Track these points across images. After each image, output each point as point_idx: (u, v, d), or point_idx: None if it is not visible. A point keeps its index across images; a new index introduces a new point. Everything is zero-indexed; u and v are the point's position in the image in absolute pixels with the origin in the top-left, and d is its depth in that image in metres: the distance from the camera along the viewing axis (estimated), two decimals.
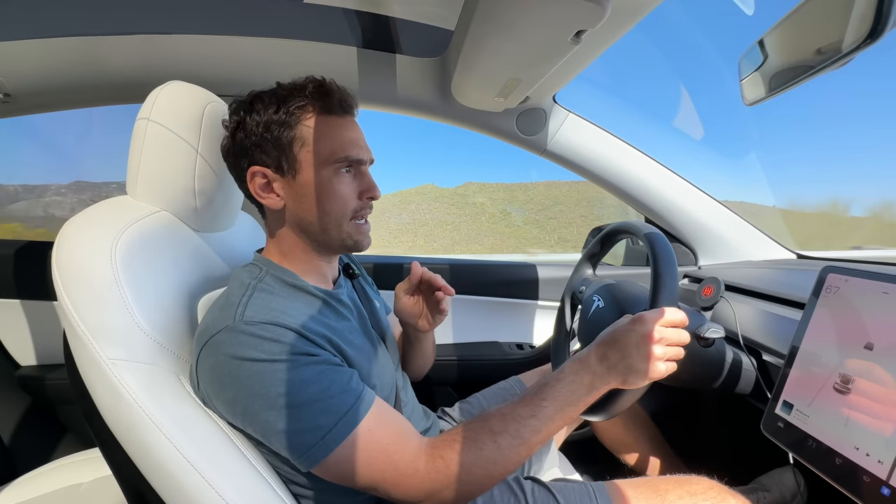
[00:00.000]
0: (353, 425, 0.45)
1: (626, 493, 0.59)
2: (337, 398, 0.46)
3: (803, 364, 0.53)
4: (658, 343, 0.50)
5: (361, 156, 0.56)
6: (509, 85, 0.77)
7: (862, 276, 0.49)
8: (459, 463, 0.47)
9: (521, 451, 0.49)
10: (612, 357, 0.51)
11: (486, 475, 0.48)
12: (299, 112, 0.53)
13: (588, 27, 0.54)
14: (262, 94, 0.55)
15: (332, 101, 0.54)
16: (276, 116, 0.52)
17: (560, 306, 0.85)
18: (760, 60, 0.47)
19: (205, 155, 0.57)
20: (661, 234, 0.61)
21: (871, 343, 0.46)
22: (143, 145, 0.55)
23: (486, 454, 0.47)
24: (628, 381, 0.50)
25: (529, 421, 0.49)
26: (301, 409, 0.44)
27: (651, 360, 0.49)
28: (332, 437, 0.44)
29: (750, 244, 1.09)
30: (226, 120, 0.56)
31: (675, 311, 0.52)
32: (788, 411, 0.52)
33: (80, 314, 0.46)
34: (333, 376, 0.47)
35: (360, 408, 0.47)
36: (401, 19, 0.87)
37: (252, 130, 0.53)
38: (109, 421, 0.46)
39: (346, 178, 0.55)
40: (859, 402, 0.45)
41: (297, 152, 0.53)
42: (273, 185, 0.54)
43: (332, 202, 0.54)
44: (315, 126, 0.53)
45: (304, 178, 0.53)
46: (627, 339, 0.50)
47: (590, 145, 1.02)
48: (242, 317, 0.46)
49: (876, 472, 0.41)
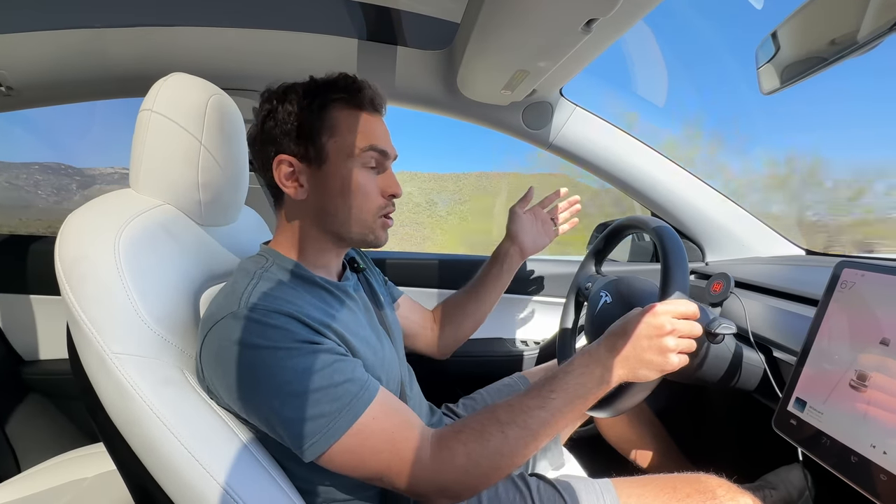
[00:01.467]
0: (357, 414, 0.45)
1: (633, 490, 0.59)
2: (341, 387, 0.45)
3: (817, 361, 0.52)
4: (670, 335, 0.49)
5: (387, 148, 0.56)
6: (516, 77, 0.76)
7: (879, 270, 0.48)
8: (466, 454, 0.46)
9: (529, 443, 0.48)
10: (623, 349, 0.50)
11: (493, 466, 0.47)
12: (331, 105, 0.54)
13: (600, 15, 0.53)
14: (295, 85, 0.55)
15: (364, 98, 0.55)
16: (309, 107, 0.53)
17: (566, 303, 0.84)
18: (774, 50, 0.46)
19: (209, 147, 0.56)
20: (670, 227, 0.60)
21: (887, 339, 0.45)
22: (145, 137, 0.54)
23: (494, 445, 0.47)
24: (639, 374, 0.50)
25: (538, 412, 0.48)
26: (305, 397, 0.44)
27: (663, 352, 0.48)
28: (337, 426, 0.44)
29: (758, 240, 1.08)
30: (255, 108, 0.57)
31: (687, 303, 0.51)
32: (801, 408, 0.51)
33: (83, 308, 0.45)
34: (337, 365, 0.46)
35: (365, 396, 0.46)
36: (406, 11, 0.86)
37: (283, 119, 0.53)
38: (113, 415, 0.46)
39: (370, 173, 0.56)
40: (876, 398, 0.44)
41: (326, 142, 0.53)
42: (298, 176, 0.54)
43: (356, 196, 0.54)
44: (345, 119, 0.54)
45: (329, 169, 0.54)
46: (639, 330, 0.50)
47: (596, 140, 1.01)
48: (247, 304, 0.46)
49: (893, 471, 0.40)
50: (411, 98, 0.98)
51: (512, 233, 0.80)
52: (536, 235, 0.81)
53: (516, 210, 0.80)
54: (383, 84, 0.94)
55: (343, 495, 0.54)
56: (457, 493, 0.47)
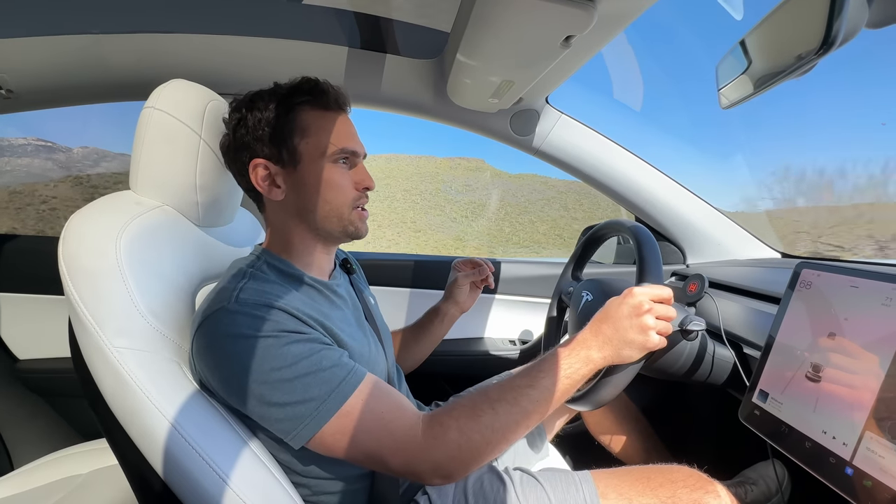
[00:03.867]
0: (346, 395, 0.46)
1: (610, 481, 0.61)
2: (328, 371, 0.47)
3: (778, 354, 0.55)
4: (648, 313, 0.52)
5: (357, 148, 0.59)
6: (503, 86, 0.79)
7: (832, 270, 0.52)
8: (458, 428, 0.47)
9: (520, 421, 0.49)
10: (606, 330, 0.53)
11: (484, 441, 0.47)
12: (298, 108, 0.56)
13: (576, 33, 0.56)
14: (261, 92, 0.57)
15: (329, 99, 0.57)
16: (277, 112, 0.55)
17: (550, 306, 0.88)
18: (734, 68, 0.50)
19: (207, 151, 0.59)
20: (643, 226, 0.64)
21: (834, 332, 0.49)
22: (144, 140, 0.57)
23: (485, 420, 0.48)
24: (622, 353, 0.53)
25: (527, 391, 0.50)
26: (294, 382, 0.45)
27: (644, 329, 0.52)
28: (326, 408, 0.45)
29: (736, 243, 1.12)
30: (226, 118, 0.59)
31: (661, 287, 0.55)
32: (764, 400, 0.55)
33: (86, 304, 0.47)
34: (325, 352, 0.48)
35: (353, 379, 0.47)
36: (398, 21, 0.89)
37: (254, 125, 0.55)
38: (114, 407, 0.48)
39: (342, 169, 0.58)
40: (828, 388, 0.48)
41: (298, 144, 0.56)
42: (275, 177, 0.56)
43: (331, 192, 0.57)
44: (314, 120, 0.56)
45: (304, 169, 0.56)
46: (619, 311, 0.53)
47: (581, 146, 1.05)
48: (237, 299, 0.48)
49: (840, 454, 0.44)
50: (403, 105, 1.01)
51: (454, 297, 0.84)
52: (470, 296, 0.86)
53: (459, 280, 0.84)
54: (378, 91, 0.99)
55: (336, 486, 0.55)
56: (450, 470, 0.47)
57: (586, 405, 0.61)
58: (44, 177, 6.73)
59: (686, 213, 1.11)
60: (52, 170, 7.09)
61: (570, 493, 0.60)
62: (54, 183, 6.80)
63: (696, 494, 0.58)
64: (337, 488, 0.56)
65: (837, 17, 0.32)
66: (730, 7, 0.89)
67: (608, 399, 0.58)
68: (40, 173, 6.75)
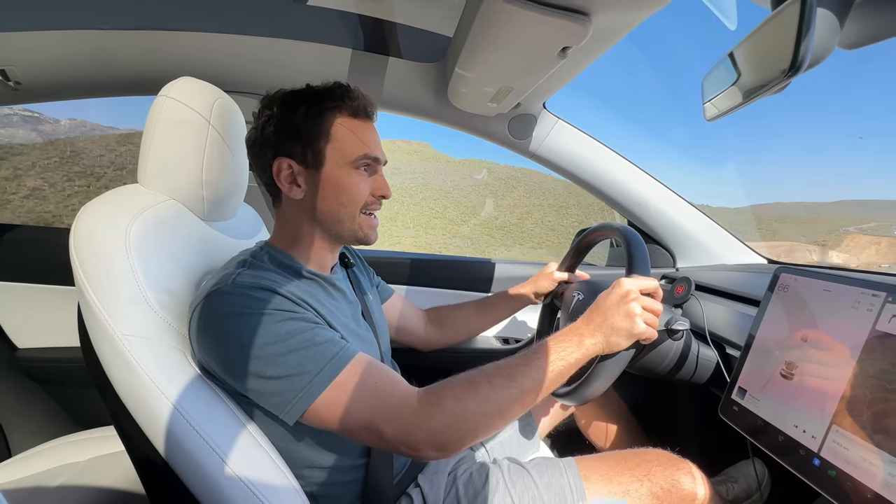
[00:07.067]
0: (339, 368, 0.47)
1: (592, 464, 0.65)
2: (321, 346, 0.48)
3: (757, 353, 0.58)
4: (635, 301, 0.55)
5: (379, 155, 0.61)
6: (501, 92, 0.82)
7: (808, 275, 0.55)
8: (454, 397, 0.47)
9: (514, 396, 0.49)
10: (595, 318, 0.56)
11: (480, 412, 0.47)
12: (328, 112, 0.57)
13: (573, 44, 0.59)
14: (293, 92, 0.59)
15: (358, 106, 0.59)
16: (307, 114, 0.57)
17: (541, 310, 0.91)
18: (719, 82, 0.53)
19: (214, 146, 0.61)
20: (632, 228, 0.67)
21: (806, 333, 0.52)
22: (155, 129, 0.58)
23: (481, 391, 0.48)
24: (611, 340, 0.55)
25: (523, 369, 0.51)
26: (287, 356, 0.46)
27: (630, 316, 0.55)
28: (319, 380, 0.46)
29: (725, 249, 1.16)
30: (255, 112, 0.60)
31: (648, 279, 0.58)
32: (742, 396, 0.58)
33: (97, 294, 0.49)
34: (318, 329, 0.49)
35: (345, 354, 0.48)
36: (402, 25, 0.91)
37: (283, 124, 0.57)
38: (122, 394, 0.49)
39: (362, 175, 0.59)
40: (800, 385, 0.51)
41: (323, 147, 0.57)
42: (296, 177, 0.58)
43: (348, 195, 0.58)
44: (341, 125, 0.58)
45: (326, 172, 0.58)
46: (608, 300, 0.57)
47: (576, 151, 1.08)
48: (233, 282, 0.50)
49: (809, 446, 0.47)
50: (406, 107, 1.03)
51: (540, 290, 0.90)
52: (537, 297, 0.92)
53: (545, 281, 0.90)
54: (378, 93, 1.00)
55: (329, 476, 0.57)
56: (445, 441, 0.47)
57: (576, 399, 0.63)
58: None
59: (677, 218, 1.14)
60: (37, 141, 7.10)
61: (556, 478, 0.63)
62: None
63: (669, 472, 0.62)
64: (332, 479, 0.58)
65: (804, 38, 0.34)
66: (724, 17, 0.92)
67: (597, 393, 0.61)
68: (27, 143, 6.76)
